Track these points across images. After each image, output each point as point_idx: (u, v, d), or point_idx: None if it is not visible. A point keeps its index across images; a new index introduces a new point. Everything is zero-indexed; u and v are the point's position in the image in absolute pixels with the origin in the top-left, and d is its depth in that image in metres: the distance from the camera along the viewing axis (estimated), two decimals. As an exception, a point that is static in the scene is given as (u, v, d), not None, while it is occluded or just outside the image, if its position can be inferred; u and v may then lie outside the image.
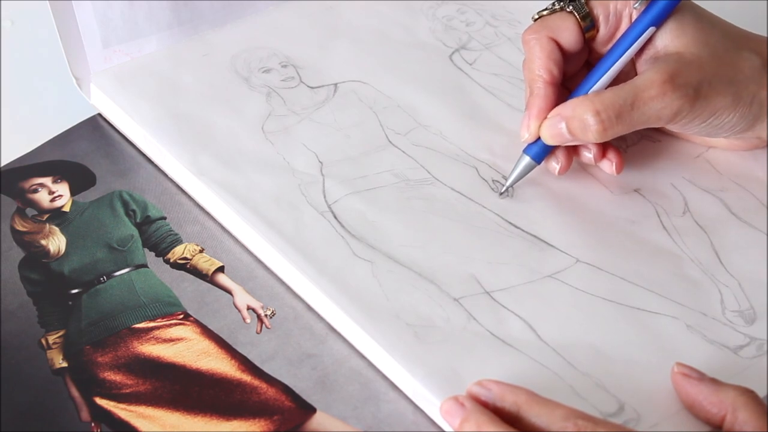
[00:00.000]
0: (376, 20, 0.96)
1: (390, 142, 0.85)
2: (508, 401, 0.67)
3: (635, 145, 0.85)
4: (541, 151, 0.80)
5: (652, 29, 0.77)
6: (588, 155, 0.81)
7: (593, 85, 0.78)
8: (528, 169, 0.81)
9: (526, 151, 0.81)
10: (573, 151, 0.81)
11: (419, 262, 0.77)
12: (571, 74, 0.82)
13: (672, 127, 0.79)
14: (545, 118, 0.78)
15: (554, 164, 0.81)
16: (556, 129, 0.78)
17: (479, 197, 0.81)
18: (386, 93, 0.89)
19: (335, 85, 0.90)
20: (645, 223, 0.80)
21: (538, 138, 0.79)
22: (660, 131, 0.86)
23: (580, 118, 0.76)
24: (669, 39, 0.77)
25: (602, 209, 0.81)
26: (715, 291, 0.75)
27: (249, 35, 0.94)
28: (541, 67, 0.79)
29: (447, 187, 0.82)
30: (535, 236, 0.79)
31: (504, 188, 0.81)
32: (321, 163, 0.84)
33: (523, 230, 0.79)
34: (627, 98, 0.75)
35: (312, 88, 0.90)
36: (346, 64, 0.92)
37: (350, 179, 0.82)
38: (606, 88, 0.78)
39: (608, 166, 0.81)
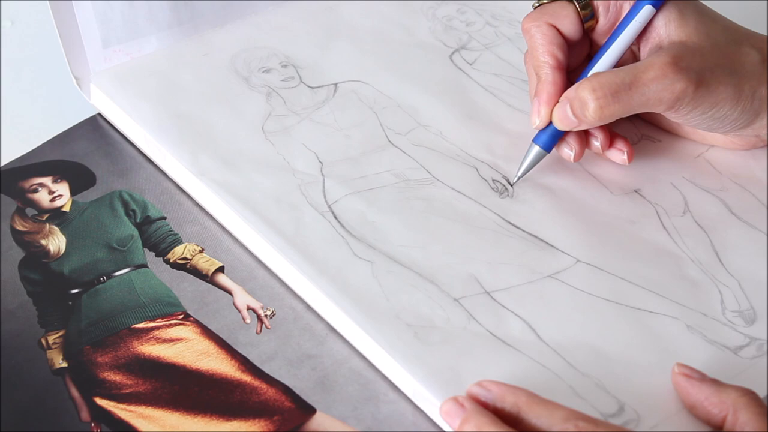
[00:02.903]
0: (376, 20, 0.96)
1: (390, 142, 0.85)
2: (508, 402, 0.67)
3: (635, 145, 0.85)
4: (549, 140, 0.81)
5: (650, 8, 0.78)
6: (596, 143, 0.81)
7: (593, 68, 0.79)
8: (538, 159, 0.81)
9: (535, 140, 0.81)
10: (585, 138, 0.81)
11: (419, 263, 0.77)
12: (574, 68, 0.82)
13: (673, 117, 0.79)
14: (556, 103, 0.79)
15: (567, 151, 0.81)
16: (563, 112, 0.78)
17: (479, 197, 0.81)
18: (386, 93, 0.89)
19: (335, 85, 0.90)
20: (645, 223, 0.80)
21: (548, 125, 0.80)
22: (660, 130, 0.86)
23: (580, 98, 0.77)
24: (672, 28, 0.78)
25: (602, 209, 0.81)
26: (715, 291, 0.75)
27: (249, 35, 0.94)
28: (545, 53, 0.79)
29: (447, 187, 0.82)
30: (535, 236, 0.79)
31: (516, 178, 0.82)
32: (321, 163, 0.84)
33: (523, 230, 0.79)
34: (625, 78, 0.76)
35: (312, 88, 0.90)
36: (346, 64, 0.92)
37: (350, 179, 0.82)
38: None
39: (618, 155, 0.81)
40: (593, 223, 0.80)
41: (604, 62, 0.79)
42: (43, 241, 0.81)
